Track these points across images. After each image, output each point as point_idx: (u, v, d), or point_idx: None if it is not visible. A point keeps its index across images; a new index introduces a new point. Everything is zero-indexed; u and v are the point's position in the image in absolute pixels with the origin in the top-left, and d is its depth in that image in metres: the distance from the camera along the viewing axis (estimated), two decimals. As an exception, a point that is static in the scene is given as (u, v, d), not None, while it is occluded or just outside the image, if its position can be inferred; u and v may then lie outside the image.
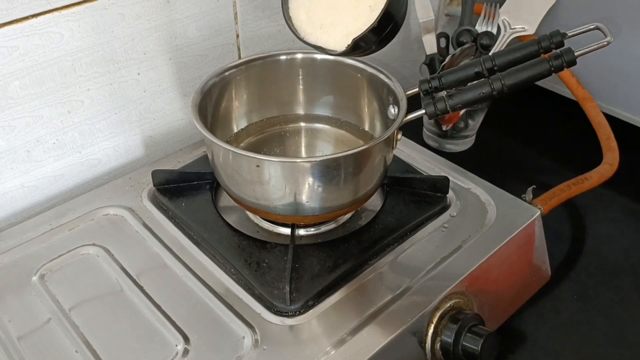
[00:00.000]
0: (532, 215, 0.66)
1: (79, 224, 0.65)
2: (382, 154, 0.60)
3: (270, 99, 0.72)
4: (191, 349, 0.53)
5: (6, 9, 0.59)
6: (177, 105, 0.78)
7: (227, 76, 0.67)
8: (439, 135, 0.90)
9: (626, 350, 0.64)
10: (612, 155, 0.78)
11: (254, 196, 0.59)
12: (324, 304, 0.57)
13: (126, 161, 0.77)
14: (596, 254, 0.75)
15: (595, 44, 0.57)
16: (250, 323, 0.55)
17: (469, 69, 0.60)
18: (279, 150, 0.70)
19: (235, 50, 0.80)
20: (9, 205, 0.69)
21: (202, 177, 0.69)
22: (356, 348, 0.52)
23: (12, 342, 0.54)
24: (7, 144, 0.66)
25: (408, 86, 0.62)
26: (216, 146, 0.58)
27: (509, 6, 0.82)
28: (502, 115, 0.96)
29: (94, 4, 0.65)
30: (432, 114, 0.59)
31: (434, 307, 0.57)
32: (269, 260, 0.60)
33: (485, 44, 0.82)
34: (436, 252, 0.62)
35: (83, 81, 0.68)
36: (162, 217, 0.66)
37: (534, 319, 0.67)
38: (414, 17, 0.97)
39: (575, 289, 0.70)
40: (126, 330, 0.55)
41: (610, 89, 0.89)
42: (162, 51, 0.73)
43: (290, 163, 0.56)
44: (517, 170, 0.88)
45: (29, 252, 0.62)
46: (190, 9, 0.73)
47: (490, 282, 0.63)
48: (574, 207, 0.81)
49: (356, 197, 0.60)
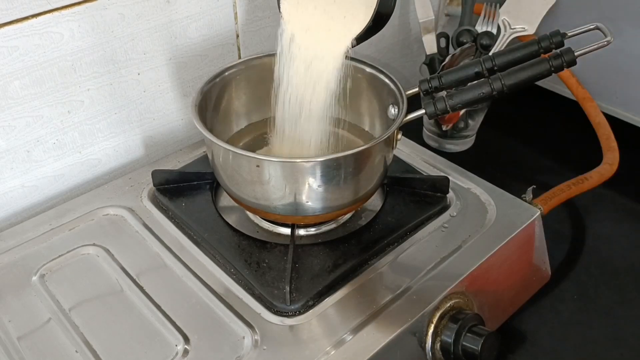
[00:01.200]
0: (532, 215, 0.66)
1: (79, 224, 0.65)
2: (382, 154, 0.60)
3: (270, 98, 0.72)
4: (191, 349, 0.53)
5: (6, 9, 0.59)
6: (177, 105, 0.78)
7: (227, 76, 0.67)
8: (439, 135, 0.90)
9: (626, 350, 0.64)
10: (612, 155, 0.78)
11: (254, 196, 0.59)
12: (324, 304, 0.57)
13: (126, 161, 0.77)
14: (596, 254, 0.75)
15: (595, 44, 0.57)
16: (250, 323, 0.55)
17: (469, 69, 0.60)
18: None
19: (235, 50, 0.80)
20: (9, 205, 0.69)
21: (202, 177, 0.69)
22: (356, 348, 0.53)
23: (12, 342, 0.54)
24: (7, 144, 0.66)
25: (408, 86, 0.62)
26: (216, 146, 0.58)
27: (509, 6, 0.82)
28: (502, 115, 0.96)
29: (94, 4, 0.65)
30: (432, 114, 0.59)
31: (434, 307, 0.57)
32: (269, 260, 0.60)
33: (485, 44, 0.82)
34: (436, 252, 0.62)
35: (83, 81, 0.68)
36: (162, 217, 0.66)
37: (534, 319, 0.67)
38: (414, 17, 0.97)
39: (575, 289, 0.70)
40: (126, 330, 0.55)
41: (610, 89, 0.89)
42: (162, 51, 0.73)
43: (290, 163, 0.56)
44: (517, 170, 0.88)
45: (29, 252, 0.62)
46: (190, 9, 0.73)
47: (490, 282, 0.63)
48: (574, 207, 0.81)
49: (356, 197, 0.60)
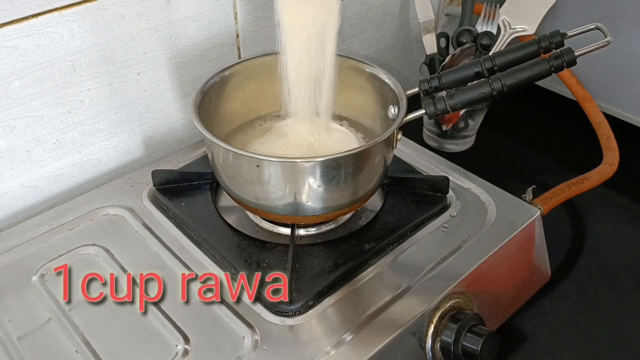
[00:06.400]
0: (532, 215, 0.66)
1: (79, 224, 0.65)
2: (382, 154, 0.60)
3: (270, 98, 0.72)
4: (191, 349, 0.53)
5: (6, 9, 0.59)
6: (177, 105, 0.78)
7: (227, 76, 0.67)
8: (439, 135, 0.90)
9: (626, 350, 0.64)
10: (612, 155, 0.78)
11: (254, 196, 0.59)
12: (324, 304, 0.57)
13: (126, 161, 0.77)
14: (596, 254, 0.75)
15: (595, 44, 0.57)
16: (250, 323, 0.55)
17: (469, 69, 0.60)
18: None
19: (235, 50, 0.80)
20: (9, 205, 0.69)
21: (202, 177, 0.69)
22: (356, 348, 0.53)
23: (12, 342, 0.54)
24: (7, 144, 0.66)
25: (408, 86, 0.62)
26: (216, 146, 0.58)
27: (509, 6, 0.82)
28: (502, 115, 0.96)
29: (94, 4, 0.65)
30: (432, 114, 0.59)
31: (434, 307, 0.57)
32: (269, 260, 0.60)
33: (485, 44, 0.82)
34: (436, 252, 0.62)
35: (83, 81, 0.68)
36: (162, 217, 0.66)
37: (534, 319, 0.67)
38: (414, 17, 0.97)
39: (575, 289, 0.70)
40: (126, 330, 0.55)
41: (610, 89, 0.89)
42: (162, 51, 0.73)
43: (290, 163, 0.56)
44: (517, 170, 0.88)
45: (29, 252, 0.62)
46: (190, 9, 0.73)
47: (490, 282, 0.63)
48: (574, 207, 0.81)
49: (356, 197, 0.60)
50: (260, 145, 0.66)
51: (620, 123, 0.88)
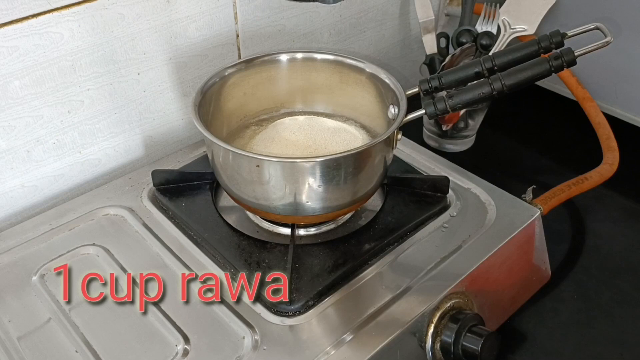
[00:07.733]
0: (532, 215, 0.66)
1: (79, 224, 0.65)
2: (382, 154, 0.60)
3: (270, 98, 0.72)
4: (191, 349, 0.53)
5: (6, 9, 0.59)
6: (177, 105, 0.78)
7: (227, 76, 0.67)
8: (439, 135, 0.90)
9: (626, 350, 0.64)
10: (612, 155, 0.78)
11: (254, 196, 0.59)
12: (324, 304, 0.57)
13: (126, 161, 0.77)
14: (596, 254, 0.75)
15: (595, 44, 0.57)
16: (250, 323, 0.55)
17: (469, 69, 0.60)
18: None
19: (235, 50, 0.80)
20: (9, 205, 0.69)
21: (202, 177, 0.69)
22: (356, 348, 0.53)
23: (12, 342, 0.54)
24: (7, 144, 0.66)
25: (408, 86, 0.62)
26: (216, 146, 0.58)
27: (509, 6, 0.82)
28: (502, 115, 0.96)
29: (94, 4, 0.65)
30: (432, 114, 0.59)
31: (434, 307, 0.57)
32: (269, 260, 0.60)
33: (485, 44, 0.83)
34: (436, 252, 0.62)
35: (83, 81, 0.68)
36: (162, 217, 0.66)
37: (534, 319, 0.67)
38: (413, 17, 0.97)
39: (575, 289, 0.70)
40: (126, 330, 0.55)
41: (610, 89, 0.89)
42: (162, 51, 0.73)
43: (290, 163, 0.56)
44: (517, 170, 0.88)
45: (29, 252, 0.62)
46: (190, 9, 0.73)
47: (490, 282, 0.63)
48: (574, 207, 0.81)
49: (356, 197, 0.60)
50: (260, 145, 0.66)
51: (620, 123, 0.88)
